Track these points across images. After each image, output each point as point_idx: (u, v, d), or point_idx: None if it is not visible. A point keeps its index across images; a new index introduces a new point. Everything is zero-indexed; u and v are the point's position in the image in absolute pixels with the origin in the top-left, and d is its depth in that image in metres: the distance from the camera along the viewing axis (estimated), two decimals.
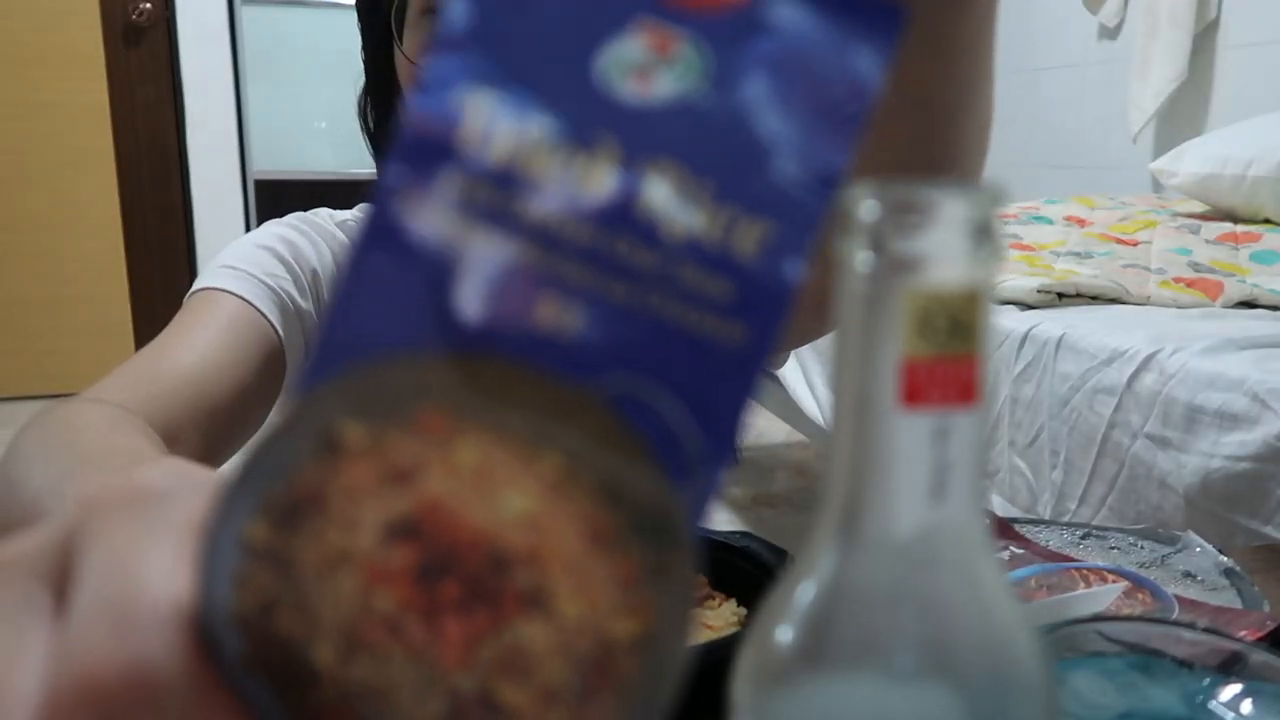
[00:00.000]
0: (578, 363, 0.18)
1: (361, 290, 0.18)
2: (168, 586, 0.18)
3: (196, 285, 0.69)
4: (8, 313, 3.40)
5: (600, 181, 0.18)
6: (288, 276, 0.70)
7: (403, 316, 0.18)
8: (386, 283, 0.18)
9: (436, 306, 0.18)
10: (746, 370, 0.18)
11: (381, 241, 0.18)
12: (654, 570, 0.18)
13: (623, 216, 0.18)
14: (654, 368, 0.18)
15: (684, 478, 0.18)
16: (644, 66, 0.18)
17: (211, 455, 0.62)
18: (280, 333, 0.68)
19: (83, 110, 3.34)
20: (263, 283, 0.68)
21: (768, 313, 0.18)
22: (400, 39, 0.69)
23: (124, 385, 0.58)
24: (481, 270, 0.18)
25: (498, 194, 0.18)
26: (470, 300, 0.18)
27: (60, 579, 0.20)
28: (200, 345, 0.63)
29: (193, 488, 0.20)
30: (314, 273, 0.73)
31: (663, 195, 0.18)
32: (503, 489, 0.18)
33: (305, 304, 0.71)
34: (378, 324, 0.18)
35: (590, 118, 0.18)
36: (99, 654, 0.18)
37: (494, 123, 0.18)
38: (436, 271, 0.18)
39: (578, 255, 0.18)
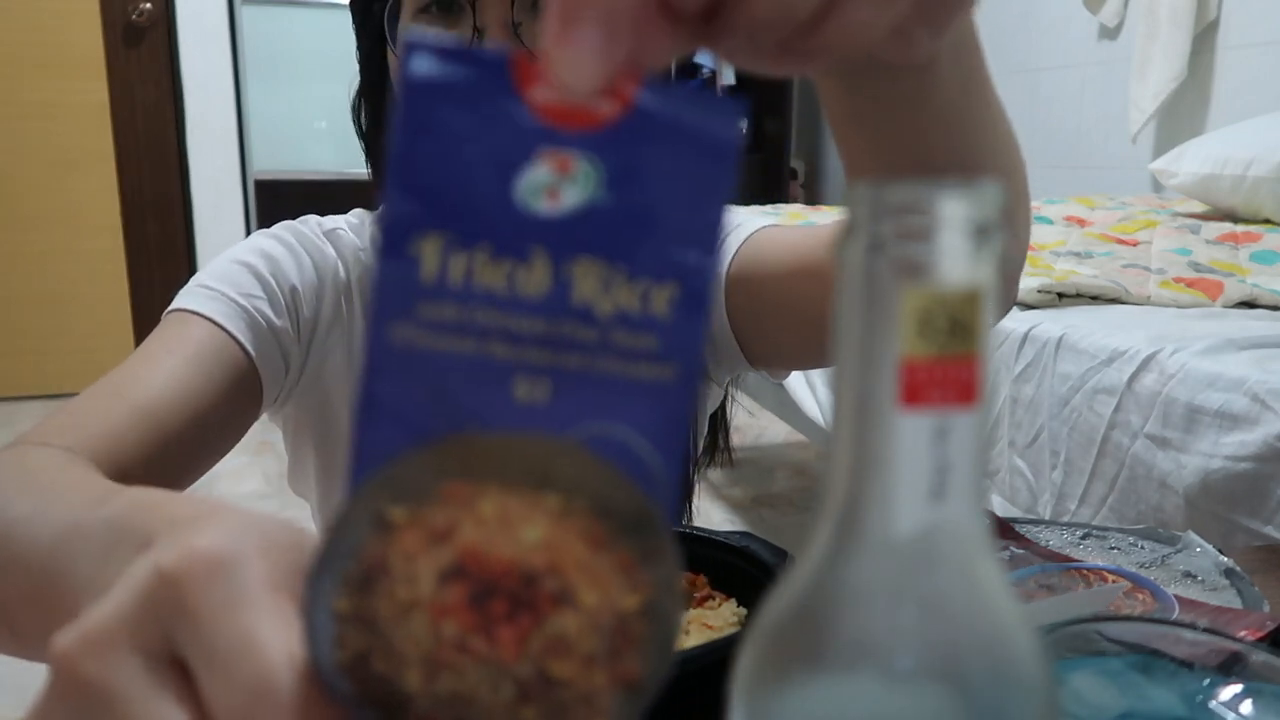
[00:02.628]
0: (554, 421, 0.24)
1: (375, 407, 0.24)
2: (286, 651, 0.23)
3: (173, 305, 0.69)
4: (8, 313, 3.41)
5: (540, 283, 0.23)
6: (263, 295, 0.70)
7: (413, 420, 0.23)
8: (393, 398, 0.23)
9: (437, 405, 0.23)
10: (682, 398, 0.24)
11: (382, 365, 0.23)
12: (644, 556, 0.24)
13: (563, 306, 0.23)
14: (612, 412, 0.24)
15: (652, 485, 0.24)
16: (552, 186, 0.23)
17: (169, 487, 0.62)
18: (252, 353, 0.68)
19: (83, 110, 3.35)
20: (235, 303, 0.68)
21: (688, 352, 0.24)
22: (394, 42, 0.69)
23: (72, 425, 0.58)
24: (464, 370, 0.23)
25: (463, 310, 0.23)
26: (462, 394, 0.23)
27: (163, 649, 0.24)
28: (160, 376, 0.62)
29: (253, 548, 0.25)
30: (292, 289, 0.73)
31: (589, 284, 0.23)
32: (520, 526, 0.23)
33: (280, 322, 0.71)
34: (395, 431, 0.23)
35: (519, 236, 0.23)
36: None
37: (445, 258, 0.23)
38: (430, 379, 0.23)
39: (535, 342, 0.23)
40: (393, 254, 0.23)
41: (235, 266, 0.71)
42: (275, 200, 3.53)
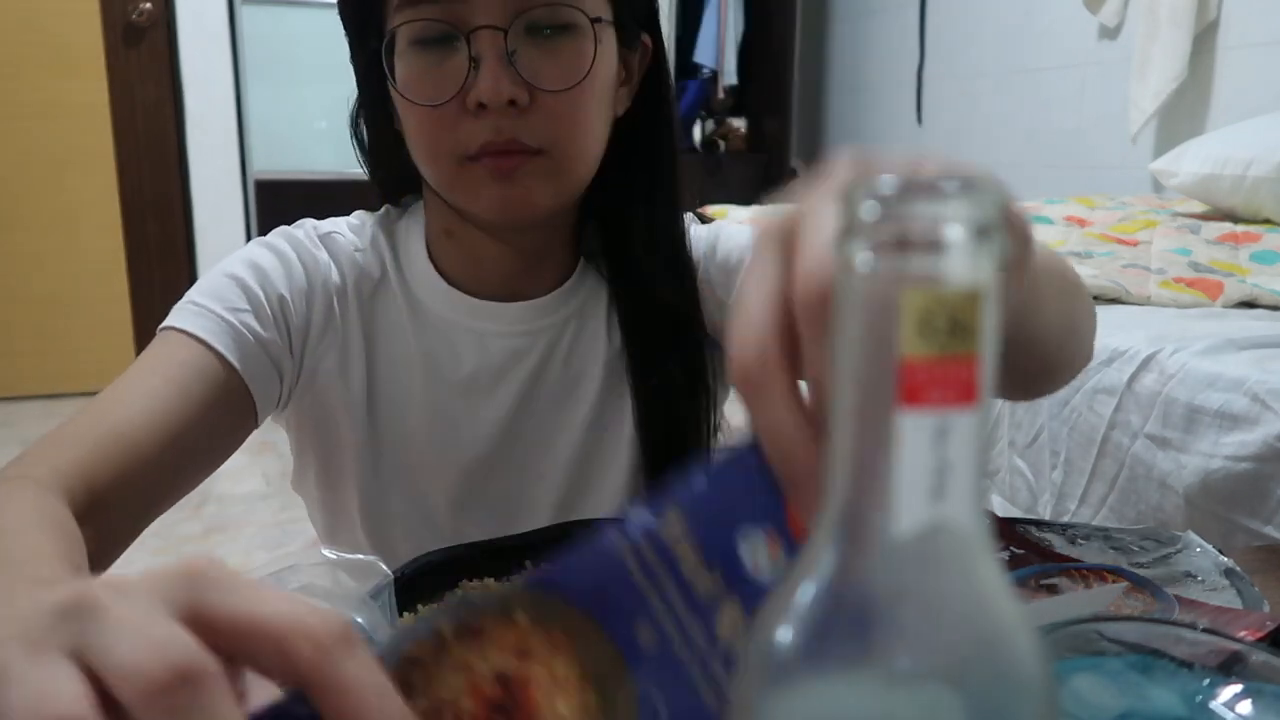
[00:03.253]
0: (635, 664, 0.30)
1: (561, 559, 0.30)
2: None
3: (165, 322, 0.70)
4: (8, 313, 3.40)
5: (706, 589, 0.30)
6: (249, 309, 0.71)
7: (567, 579, 0.30)
8: (574, 566, 0.30)
9: (592, 588, 0.30)
10: None
11: (591, 548, 0.30)
12: None
13: (705, 615, 0.30)
14: (674, 696, 0.30)
15: None
16: (759, 553, 0.30)
17: (145, 509, 0.64)
18: (238, 367, 0.69)
19: (83, 110, 3.34)
20: (221, 318, 0.69)
21: None
22: (393, 77, 0.69)
23: (54, 451, 0.59)
24: (625, 588, 0.30)
25: (659, 562, 0.30)
26: (608, 593, 0.30)
27: (70, 653, 0.27)
28: (137, 397, 0.64)
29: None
30: (280, 298, 0.73)
31: (729, 621, 0.30)
32: (556, 699, 0.29)
33: (268, 334, 0.72)
34: (550, 577, 0.30)
35: (718, 557, 0.30)
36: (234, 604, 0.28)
37: (675, 529, 0.30)
38: (603, 575, 0.30)
39: (673, 613, 0.30)
40: (654, 508, 0.31)
41: (223, 280, 0.72)
42: (275, 200, 3.52)
